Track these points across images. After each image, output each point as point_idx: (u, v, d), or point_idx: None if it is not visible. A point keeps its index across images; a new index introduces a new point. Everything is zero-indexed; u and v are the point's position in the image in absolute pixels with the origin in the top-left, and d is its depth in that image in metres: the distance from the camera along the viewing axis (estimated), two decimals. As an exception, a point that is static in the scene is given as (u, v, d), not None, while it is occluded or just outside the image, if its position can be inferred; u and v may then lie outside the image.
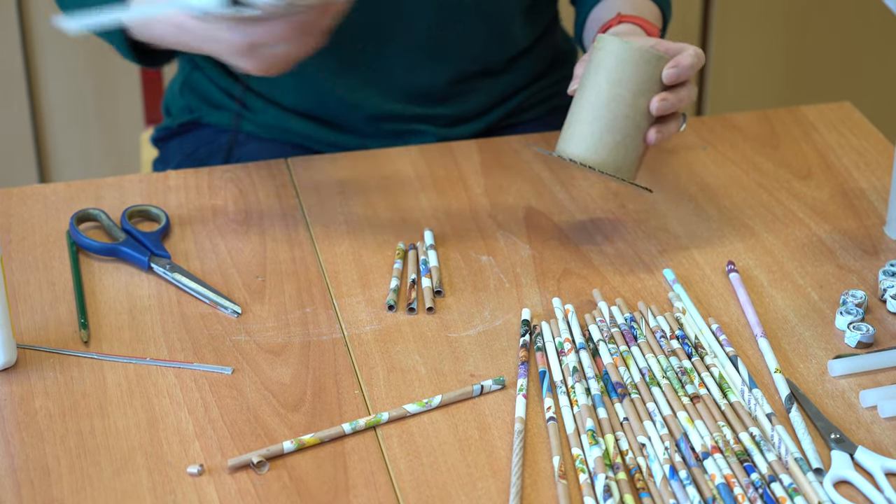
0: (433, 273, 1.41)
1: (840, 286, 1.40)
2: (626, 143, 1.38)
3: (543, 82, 1.77)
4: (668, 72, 1.37)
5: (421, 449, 1.21)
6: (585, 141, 1.38)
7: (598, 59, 1.38)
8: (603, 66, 1.38)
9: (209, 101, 1.74)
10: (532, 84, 1.76)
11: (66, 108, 2.73)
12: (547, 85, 1.78)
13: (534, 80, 1.76)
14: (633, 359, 1.29)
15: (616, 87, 1.37)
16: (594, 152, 1.38)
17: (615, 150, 1.38)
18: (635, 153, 1.39)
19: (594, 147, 1.38)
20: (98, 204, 1.52)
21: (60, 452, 1.20)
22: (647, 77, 1.37)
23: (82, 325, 1.34)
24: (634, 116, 1.37)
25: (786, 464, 1.18)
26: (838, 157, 1.62)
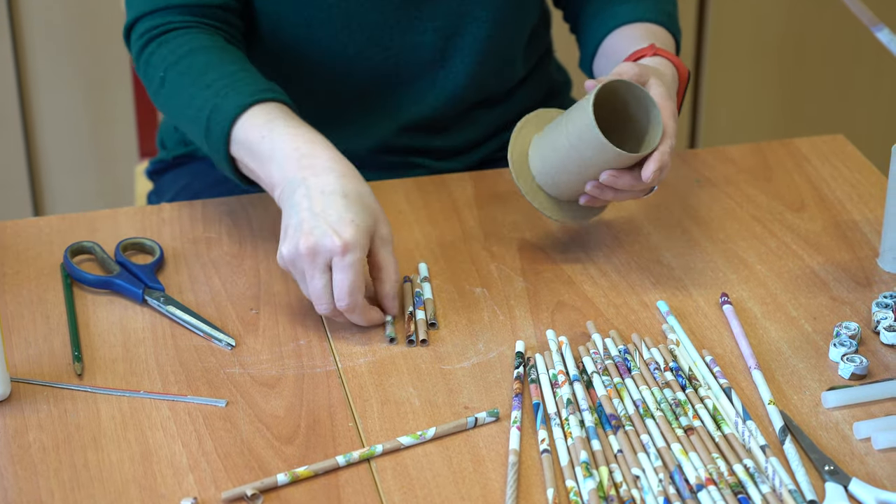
0: (427, 305, 1.41)
1: (833, 318, 1.41)
2: (561, 189, 1.45)
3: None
4: (651, 170, 1.38)
5: (415, 481, 1.20)
6: (536, 166, 1.45)
7: (577, 118, 1.40)
8: (575, 128, 1.40)
9: None
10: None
11: (60, 140, 2.74)
12: None
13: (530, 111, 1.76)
14: (627, 391, 1.29)
15: (569, 137, 1.41)
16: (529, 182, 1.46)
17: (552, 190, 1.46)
18: (566, 196, 1.46)
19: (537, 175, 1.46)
20: (92, 236, 1.52)
21: (54, 485, 1.20)
22: (603, 162, 1.40)
23: (76, 358, 1.34)
24: (581, 177, 1.42)
25: (780, 496, 1.18)
26: (831, 189, 1.62)
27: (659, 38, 1.59)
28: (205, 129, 1.45)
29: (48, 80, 2.67)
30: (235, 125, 1.43)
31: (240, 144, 1.43)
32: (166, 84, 1.50)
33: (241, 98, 1.44)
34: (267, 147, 1.41)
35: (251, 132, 1.42)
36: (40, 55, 2.65)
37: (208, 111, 1.45)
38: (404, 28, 1.61)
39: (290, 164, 1.39)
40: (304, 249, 1.33)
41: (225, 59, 1.50)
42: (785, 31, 2.93)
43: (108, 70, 2.68)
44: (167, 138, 1.81)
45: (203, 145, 1.48)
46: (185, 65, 1.49)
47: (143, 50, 1.53)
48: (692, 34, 2.89)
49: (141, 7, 1.54)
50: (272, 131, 1.41)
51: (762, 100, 2.97)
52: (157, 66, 1.51)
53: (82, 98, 2.70)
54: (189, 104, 1.47)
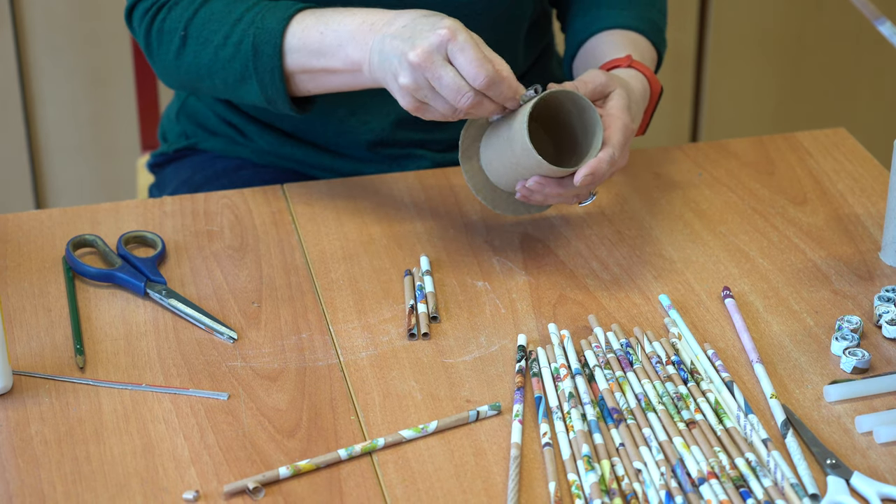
0: (429, 299, 1.41)
1: (835, 312, 1.41)
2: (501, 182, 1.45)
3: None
4: (581, 176, 1.37)
5: (417, 475, 1.20)
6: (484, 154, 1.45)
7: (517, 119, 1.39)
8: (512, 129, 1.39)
9: (205, 127, 1.74)
10: None
11: (62, 134, 2.74)
12: None
13: None
14: (629, 384, 1.29)
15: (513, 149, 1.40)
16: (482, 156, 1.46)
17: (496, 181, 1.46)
18: (507, 188, 1.45)
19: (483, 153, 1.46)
20: (94, 230, 1.52)
21: (56, 478, 1.20)
22: (534, 168, 1.39)
23: (78, 351, 1.34)
24: (516, 175, 1.42)
25: (782, 489, 1.18)
26: (833, 182, 1.62)
27: (639, 49, 1.58)
28: (252, 57, 1.47)
29: (50, 73, 2.67)
30: (286, 38, 1.45)
31: (300, 52, 1.45)
32: (189, 40, 1.50)
33: (281, 13, 1.46)
34: (332, 37, 1.43)
35: (308, 34, 1.45)
36: (42, 48, 2.65)
37: (252, 38, 1.46)
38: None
39: (365, 36, 1.41)
40: (417, 59, 1.34)
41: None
42: (787, 24, 2.92)
43: (110, 63, 2.68)
44: (169, 131, 1.81)
45: (250, 79, 1.48)
46: (205, 14, 1.50)
47: (153, 22, 1.53)
48: (694, 27, 2.89)
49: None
50: (328, 24, 1.44)
51: (764, 93, 2.97)
52: (172, 29, 1.52)
53: (84, 91, 2.70)
54: (224, 45, 1.48)
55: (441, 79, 1.35)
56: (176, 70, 1.54)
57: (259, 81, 1.49)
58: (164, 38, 1.53)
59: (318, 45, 1.45)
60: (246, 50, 1.47)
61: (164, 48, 1.53)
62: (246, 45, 1.47)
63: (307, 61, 1.46)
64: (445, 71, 1.34)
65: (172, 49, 1.52)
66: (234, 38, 1.48)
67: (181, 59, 1.52)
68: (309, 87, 1.50)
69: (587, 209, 1.56)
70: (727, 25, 2.89)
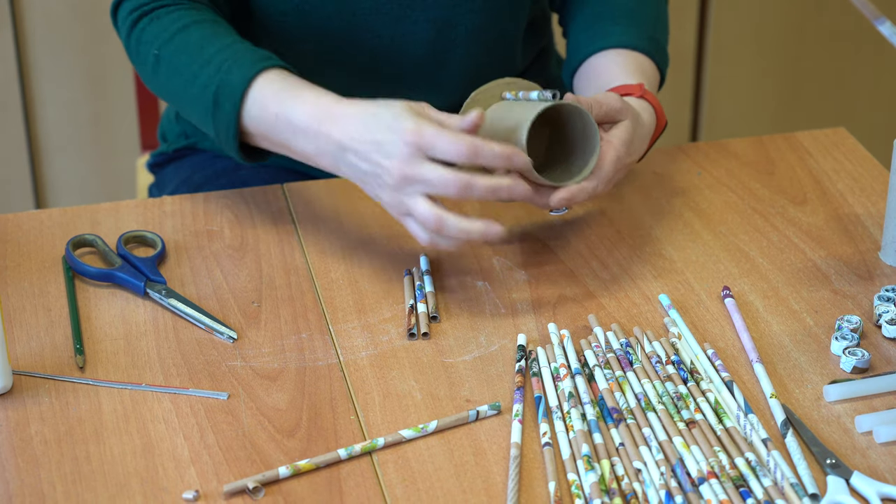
0: (429, 298, 1.41)
1: (835, 311, 1.41)
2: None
3: None
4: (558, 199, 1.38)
5: (417, 474, 1.20)
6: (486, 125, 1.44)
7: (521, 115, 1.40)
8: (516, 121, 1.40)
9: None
10: None
11: (62, 134, 2.74)
12: None
13: None
14: (629, 384, 1.29)
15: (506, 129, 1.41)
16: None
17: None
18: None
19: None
20: (94, 229, 1.52)
21: (56, 478, 1.20)
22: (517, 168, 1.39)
23: (78, 351, 1.34)
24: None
25: (782, 489, 1.18)
26: (833, 182, 1.62)
27: (647, 75, 1.57)
28: (212, 106, 1.46)
29: (50, 73, 2.68)
30: (246, 101, 1.45)
31: (257, 121, 1.45)
32: (162, 62, 1.50)
33: (245, 69, 1.45)
34: (284, 125, 1.42)
35: (265, 111, 1.44)
36: (42, 48, 2.65)
37: (214, 88, 1.45)
38: (397, 17, 1.60)
39: (316, 132, 1.40)
40: (396, 179, 1.35)
41: (219, 32, 1.50)
42: (786, 24, 2.93)
43: (110, 63, 2.68)
44: (168, 131, 1.81)
45: (208, 124, 1.48)
46: (180, 42, 1.49)
47: (134, 27, 1.53)
48: (694, 27, 2.89)
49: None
50: (282, 107, 1.43)
51: (764, 93, 2.97)
52: (149, 42, 1.51)
53: (84, 91, 2.70)
54: (192, 83, 1.47)
55: (429, 181, 1.34)
56: (149, 82, 1.55)
57: (215, 130, 1.48)
58: (141, 48, 1.53)
59: (273, 126, 1.44)
60: (208, 97, 1.47)
61: (140, 59, 1.53)
62: (209, 93, 1.46)
63: (266, 131, 1.46)
64: (429, 171, 1.34)
65: (147, 64, 1.52)
66: (201, 80, 1.47)
67: (155, 76, 1.53)
68: (266, 147, 1.49)
69: (586, 208, 1.56)
70: (727, 25, 2.89)
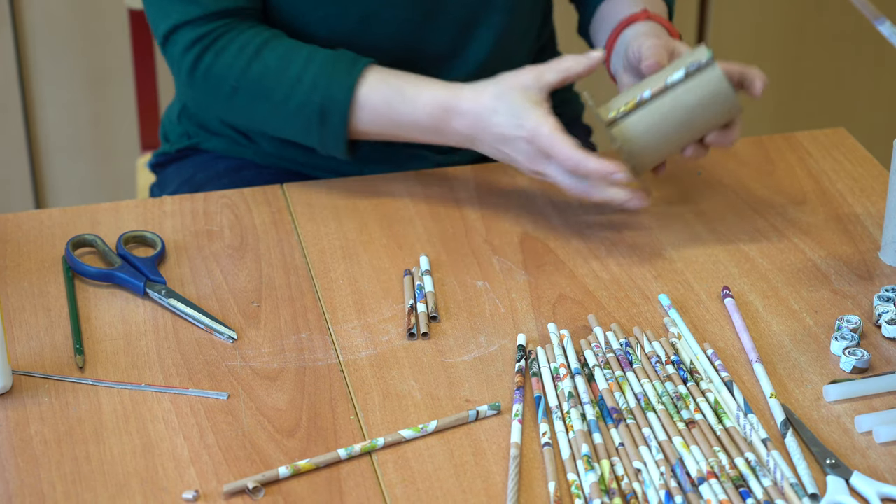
0: (428, 298, 1.41)
1: (835, 311, 1.41)
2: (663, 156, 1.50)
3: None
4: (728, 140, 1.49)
5: (416, 474, 1.20)
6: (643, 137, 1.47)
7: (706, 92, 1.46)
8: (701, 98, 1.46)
9: (207, 128, 1.74)
10: None
11: (62, 133, 2.74)
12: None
13: None
14: (629, 384, 1.29)
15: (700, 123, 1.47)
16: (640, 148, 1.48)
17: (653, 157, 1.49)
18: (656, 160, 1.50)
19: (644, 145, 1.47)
20: (94, 229, 1.52)
21: (56, 478, 1.20)
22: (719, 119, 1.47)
23: (78, 351, 1.34)
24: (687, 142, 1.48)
25: (781, 489, 1.18)
26: (833, 182, 1.62)
27: (651, 3, 1.62)
28: (318, 122, 1.52)
29: (50, 72, 2.67)
30: (355, 107, 1.51)
31: (371, 122, 1.52)
32: (242, 92, 1.53)
33: (343, 79, 1.51)
34: (407, 120, 1.51)
35: (378, 110, 1.52)
36: (42, 48, 2.65)
37: (318, 106, 1.51)
38: (421, 21, 1.60)
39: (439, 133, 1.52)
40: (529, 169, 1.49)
41: (291, 48, 1.53)
42: (786, 24, 2.92)
43: (110, 63, 2.68)
44: (170, 131, 1.81)
45: (311, 136, 1.54)
46: (259, 69, 1.52)
47: (198, 64, 1.54)
48: (694, 27, 2.89)
49: (177, 16, 1.54)
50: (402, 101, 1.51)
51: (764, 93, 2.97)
52: (222, 77, 1.53)
53: (84, 91, 2.70)
54: (285, 103, 1.52)
55: (552, 177, 1.48)
56: (223, 111, 1.57)
57: (321, 141, 1.55)
58: (210, 82, 1.54)
59: (391, 126, 1.53)
60: (310, 114, 1.52)
61: (211, 91, 1.55)
62: (310, 110, 1.52)
63: (381, 130, 1.54)
64: (552, 172, 1.47)
65: (222, 95, 1.54)
66: (296, 100, 1.52)
67: (232, 105, 1.55)
68: (377, 139, 1.57)
69: (585, 208, 1.56)
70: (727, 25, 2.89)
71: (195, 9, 1.53)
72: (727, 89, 1.46)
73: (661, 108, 1.47)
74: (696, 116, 1.46)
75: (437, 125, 1.51)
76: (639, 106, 1.47)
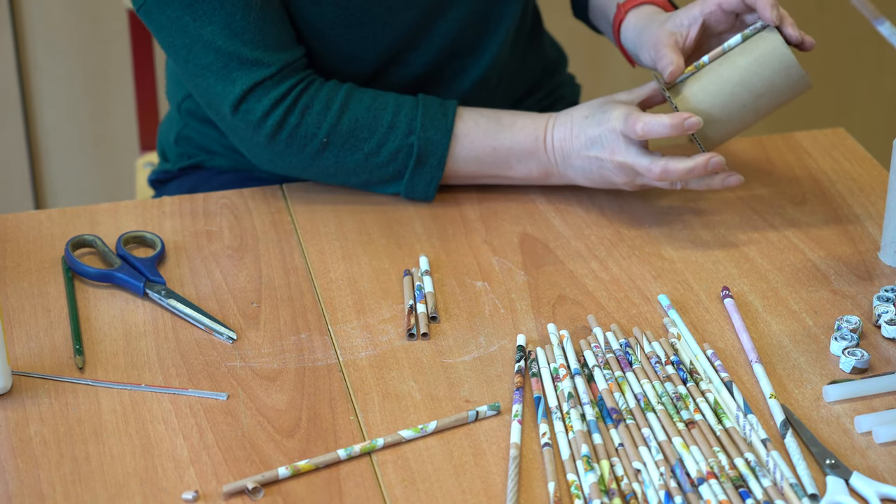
0: (428, 299, 1.41)
1: (834, 312, 1.41)
2: (728, 124, 1.48)
3: (538, 94, 1.77)
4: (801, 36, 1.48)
5: (416, 475, 1.20)
6: (698, 97, 1.47)
7: (760, 51, 1.46)
8: (756, 56, 1.46)
9: (208, 149, 1.72)
10: (526, 98, 1.75)
11: (61, 134, 2.74)
12: (542, 97, 1.78)
13: (527, 94, 1.75)
14: (629, 384, 1.29)
15: (756, 83, 1.46)
16: (701, 112, 1.47)
17: (717, 124, 1.48)
18: (724, 135, 1.50)
19: (703, 108, 1.47)
20: (93, 230, 1.52)
21: (55, 478, 1.20)
22: (781, 82, 1.47)
23: (77, 351, 1.34)
24: (747, 113, 1.48)
25: (781, 489, 1.18)
26: (832, 182, 1.62)
27: None
28: (414, 165, 1.53)
29: (49, 73, 2.68)
30: (454, 148, 1.54)
31: (467, 161, 1.55)
32: (332, 147, 1.52)
33: (440, 122, 1.53)
34: (504, 153, 1.54)
35: (478, 147, 1.54)
36: (41, 48, 2.65)
37: (415, 149, 1.53)
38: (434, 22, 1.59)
39: (540, 153, 1.54)
40: (621, 181, 1.52)
41: (375, 97, 1.54)
42: (786, 24, 2.92)
43: (110, 63, 2.68)
44: (168, 151, 1.78)
45: (398, 182, 1.55)
46: (349, 121, 1.52)
47: (282, 127, 1.51)
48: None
49: (245, 81, 1.49)
50: (497, 139, 1.54)
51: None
52: (310, 135, 1.52)
53: (83, 91, 2.70)
54: (377, 153, 1.53)
55: (648, 173, 1.48)
56: (307, 168, 1.55)
57: (409, 185, 1.55)
58: (296, 141, 1.52)
59: (492, 159, 1.55)
60: (404, 158, 1.53)
61: (297, 151, 1.53)
62: (405, 154, 1.53)
63: (477, 168, 1.55)
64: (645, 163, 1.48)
65: (308, 152, 1.53)
66: (389, 147, 1.53)
67: (318, 161, 1.54)
68: (467, 182, 1.59)
69: (585, 208, 1.56)
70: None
71: (263, 70, 1.49)
72: (782, 46, 1.45)
73: (717, 69, 1.47)
74: (754, 76, 1.46)
75: (536, 146, 1.53)
76: (697, 70, 1.48)
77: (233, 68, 1.49)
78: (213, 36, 1.48)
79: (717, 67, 1.47)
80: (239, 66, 1.49)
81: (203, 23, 1.47)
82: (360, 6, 1.54)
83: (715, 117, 1.47)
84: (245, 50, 1.48)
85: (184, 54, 1.50)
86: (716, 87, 1.47)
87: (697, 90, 1.48)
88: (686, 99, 1.48)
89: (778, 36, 1.46)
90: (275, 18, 1.50)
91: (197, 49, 1.49)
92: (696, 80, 1.48)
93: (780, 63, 1.46)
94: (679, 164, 1.47)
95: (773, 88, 1.47)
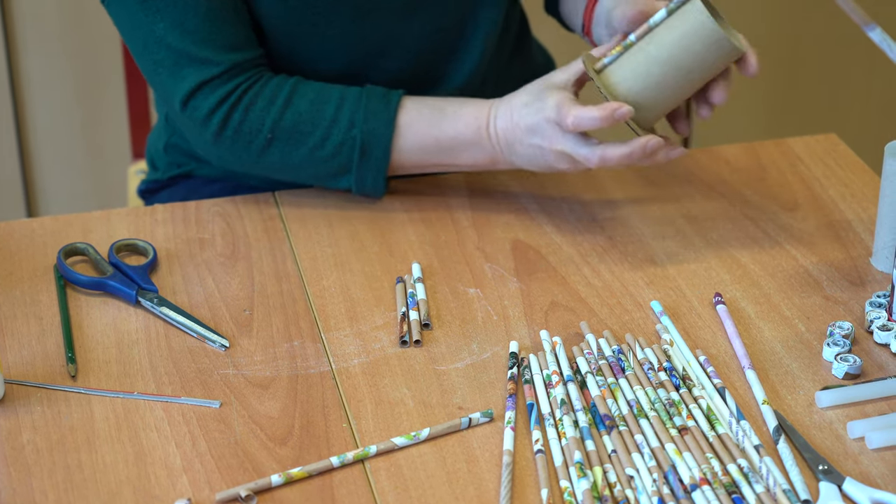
0: (421, 306, 1.41)
1: (827, 317, 1.41)
2: (660, 103, 1.46)
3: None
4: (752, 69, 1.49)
5: (409, 482, 1.20)
6: (628, 82, 1.45)
7: (686, 26, 1.42)
8: (681, 32, 1.42)
9: (197, 157, 1.72)
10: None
11: (53, 141, 2.73)
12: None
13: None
14: (621, 391, 1.29)
15: (685, 60, 1.43)
16: (631, 97, 1.45)
17: (649, 106, 1.46)
18: (658, 114, 1.48)
19: (633, 92, 1.45)
20: (85, 238, 1.52)
21: (48, 487, 1.20)
22: (710, 57, 1.43)
23: (70, 360, 1.34)
24: (680, 90, 1.45)
25: (774, 495, 1.18)
26: (824, 188, 1.62)
27: None
28: (358, 157, 1.53)
29: (41, 80, 2.67)
30: (396, 139, 1.53)
31: (411, 151, 1.54)
32: (276, 142, 1.53)
33: (382, 113, 1.52)
34: (448, 143, 1.53)
35: (422, 139, 1.53)
36: (33, 55, 2.65)
37: (359, 141, 1.52)
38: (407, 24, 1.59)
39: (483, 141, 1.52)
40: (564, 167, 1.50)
41: (320, 91, 1.54)
42: (777, 30, 2.93)
43: (101, 70, 2.68)
44: (158, 160, 1.78)
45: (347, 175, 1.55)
46: (292, 116, 1.52)
47: (227, 123, 1.52)
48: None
49: (193, 79, 1.51)
50: (441, 129, 1.53)
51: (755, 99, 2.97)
52: (254, 131, 1.52)
53: (75, 98, 2.70)
54: (321, 146, 1.52)
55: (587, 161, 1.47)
56: (254, 165, 1.56)
57: (358, 179, 1.55)
58: (241, 138, 1.53)
59: (435, 149, 1.54)
60: (349, 153, 1.53)
61: (242, 147, 1.54)
62: (349, 149, 1.52)
63: (423, 157, 1.55)
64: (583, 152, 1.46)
65: (254, 149, 1.54)
66: (333, 140, 1.52)
67: (264, 157, 1.54)
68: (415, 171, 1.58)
69: (577, 215, 1.56)
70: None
71: (211, 68, 1.51)
72: (708, 21, 1.41)
73: (645, 49, 1.44)
74: (681, 52, 1.42)
75: (479, 135, 1.52)
76: (625, 51, 1.46)
77: (183, 65, 1.51)
78: (164, 33, 1.50)
79: (646, 47, 1.44)
80: (188, 64, 1.51)
81: (156, 19, 1.50)
82: (326, 3, 1.55)
83: (647, 101, 1.45)
84: (194, 48, 1.51)
85: (139, 49, 1.53)
86: (644, 69, 1.44)
87: (628, 73, 1.45)
88: (616, 85, 1.45)
89: (702, 8, 1.42)
90: (228, 18, 1.52)
91: (150, 44, 1.52)
92: (625, 63, 1.45)
93: (708, 38, 1.43)
94: (616, 151, 1.45)
95: (703, 63, 1.44)
